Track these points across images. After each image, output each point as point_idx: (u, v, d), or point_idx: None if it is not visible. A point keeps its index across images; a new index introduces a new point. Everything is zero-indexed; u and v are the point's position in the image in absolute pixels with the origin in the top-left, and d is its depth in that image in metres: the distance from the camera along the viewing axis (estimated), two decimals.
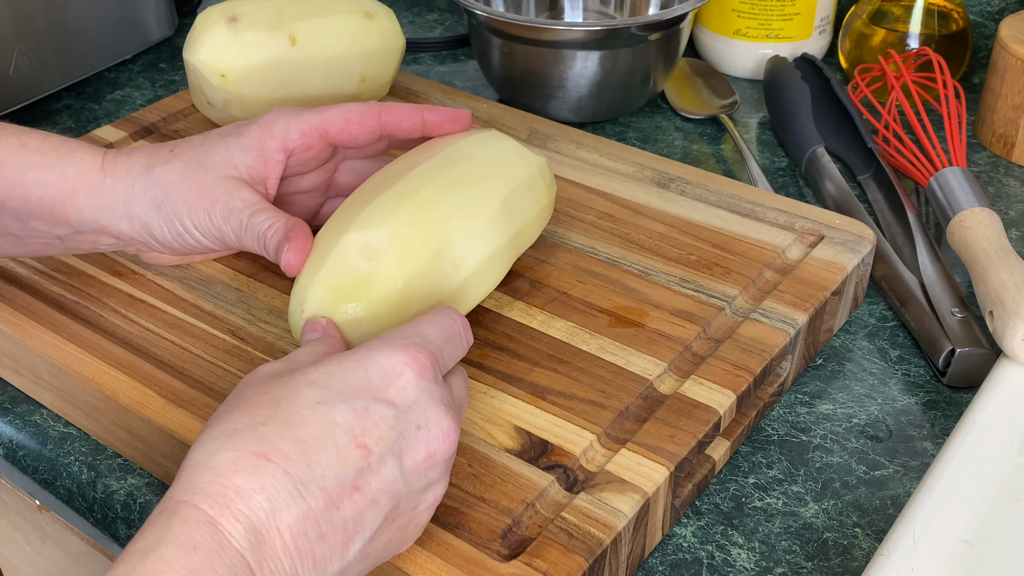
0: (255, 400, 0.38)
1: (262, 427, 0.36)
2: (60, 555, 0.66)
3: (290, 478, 0.36)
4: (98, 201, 0.52)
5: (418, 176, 0.50)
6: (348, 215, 0.49)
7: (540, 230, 0.56)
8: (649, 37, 0.74)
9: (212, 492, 0.35)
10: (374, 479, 0.37)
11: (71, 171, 0.52)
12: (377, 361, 0.40)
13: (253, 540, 0.34)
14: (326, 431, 0.37)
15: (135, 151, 0.54)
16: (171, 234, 0.53)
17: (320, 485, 0.36)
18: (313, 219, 0.59)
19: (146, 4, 0.88)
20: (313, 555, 0.36)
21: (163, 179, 0.52)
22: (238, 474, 0.35)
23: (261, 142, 0.53)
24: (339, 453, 0.37)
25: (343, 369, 0.39)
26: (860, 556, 0.47)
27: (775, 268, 0.57)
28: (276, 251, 0.50)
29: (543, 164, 0.56)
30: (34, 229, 0.53)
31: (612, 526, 0.43)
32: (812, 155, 0.71)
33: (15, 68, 0.78)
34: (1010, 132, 0.74)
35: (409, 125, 0.54)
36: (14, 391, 0.57)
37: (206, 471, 0.35)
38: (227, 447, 0.36)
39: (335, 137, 0.53)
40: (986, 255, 0.57)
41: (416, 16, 0.99)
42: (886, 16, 0.82)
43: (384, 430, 0.38)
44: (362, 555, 0.38)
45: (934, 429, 0.54)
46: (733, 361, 0.50)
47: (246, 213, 0.51)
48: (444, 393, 0.41)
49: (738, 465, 0.52)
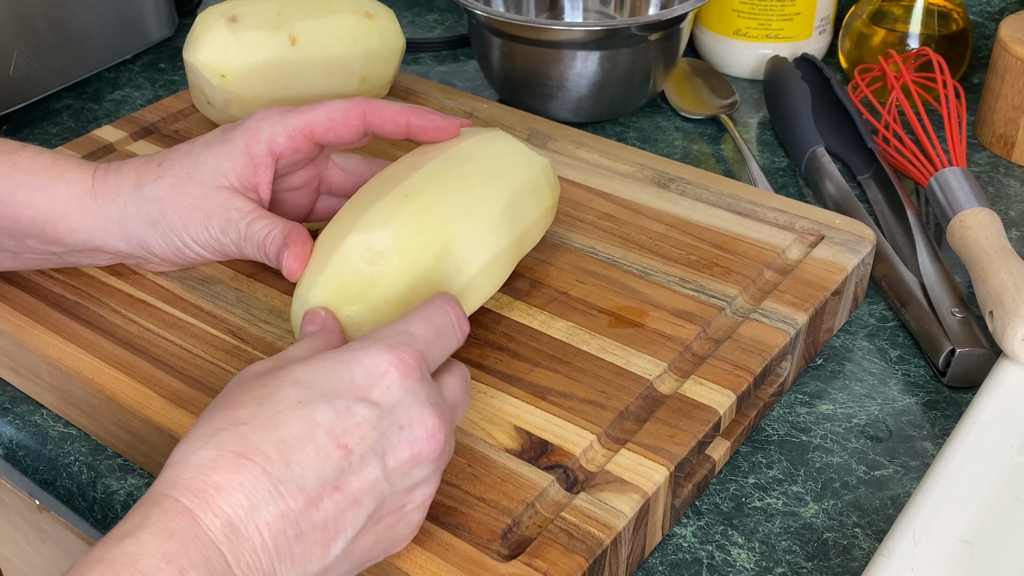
0: (240, 399, 0.38)
1: (243, 427, 0.37)
2: (60, 555, 0.66)
3: (269, 477, 0.36)
4: (91, 223, 0.52)
5: (421, 177, 0.50)
6: (351, 217, 0.49)
7: (544, 231, 0.56)
8: (649, 37, 0.74)
9: (192, 487, 0.35)
10: (355, 479, 0.38)
11: (61, 192, 0.52)
12: (361, 361, 0.39)
13: (230, 534, 0.35)
14: (307, 431, 0.37)
15: (123, 168, 0.53)
16: (170, 249, 0.53)
17: (299, 485, 0.36)
18: (308, 217, 0.58)
19: (146, 4, 0.88)
20: (292, 553, 0.36)
21: (155, 196, 0.52)
22: (218, 471, 0.36)
23: (248, 148, 0.52)
24: (319, 453, 0.37)
25: (327, 369, 0.39)
26: (860, 556, 0.47)
27: (775, 268, 0.57)
28: (277, 257, 0.50)
29: (547, 165, 0.56)
30: (29, 247, 0.53)
31: (612, 526, 0.43)
32: (812, 155, 0.71)
33: (15, 68, 0.78)
34: (1010, 132, 0.74)
35: (393, 128, 0.53)
36: (14, 391, 0.57)
37: (187, 468, 0.36)
38: (209, 445, 0.36)
39: (320, 137, 0.53)
40: (986, 255, 0.57)
41: (416, 16, 0.99)
42: (886, 16, 0.82)
43: (366, 430, 0.38)
44: (345, 555, 0.38)
45: (934, 429, 0.54)
46: (733, 361, 0.50)
47: (243, 223, 0.51)
48: (431, 392, 0.40)
49: (738, 465, 0.52)
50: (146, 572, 0.33)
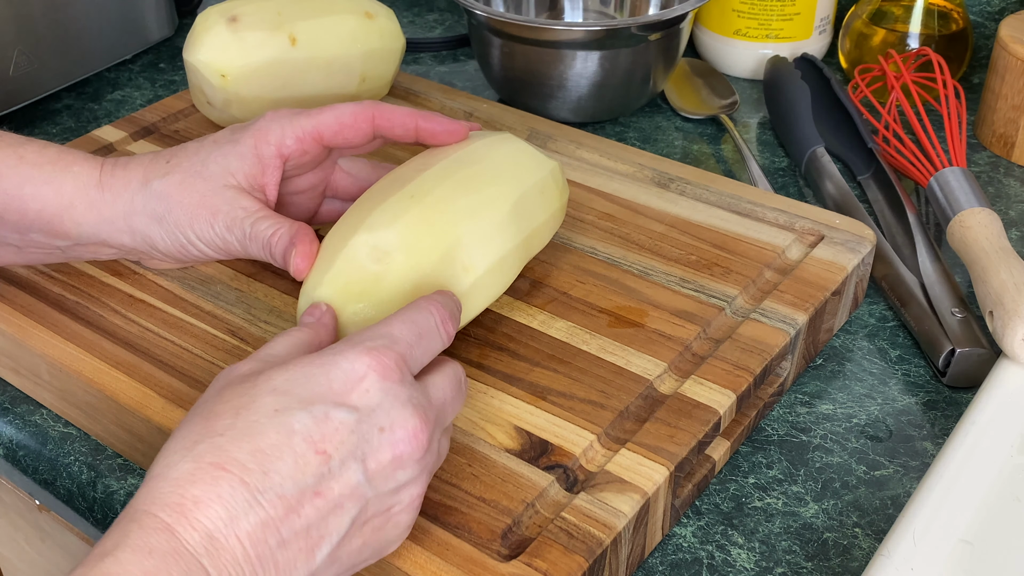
0: (217, 410, 0.38)
1: (220, 438, 0.37)
2: (60, 555, 0.66)
3: (247, 487, 0.36)
4: (97, 216, 0.52)
5: (429, 178, 0.50)
6: (358, 216, 0.49)
7: (551, 234, 0.56)
8: (649, 37, 0.74)
9: (170, 502, 0.35)
10: (336, 484, 0.37)
11: (68, 186, 0.52)
12: (340, 365, 0.39)
13: (210, 547, 0.35)
14: (284, 439, 0.37)
15: (132, 163, 0.53)
16: (175, 246, 0.53)
17: (278, 493, 0.36)
18: (312, 221, 0.59)
19: (146, 4, 0.88)
20: (276, 562, 0.36)
21: (162, 192, 0.52)
22: (196, 485, 0.35)
23: (257, 149, 0.52)
24: (297, 460, 0.37)
25: (305, 375, 0.39)
26: (860, 556, 0.47)
27: (775, 268, 0.57)
28: (283, 256, 0.50)
29: (555, 168, 0.56)
30: (33, 240, 0.53)
31: (612, 526, 0.43)
32: (812, 155, 0.71)
33: (15, 68, 0.78)
34: (1010, 132, 0.74)
35: (402, 131, 0.53)
36: (14, 391, 0.57)
37: (165, 483, 0.36)
38: (186, 459, 0.36)
39: (329, 140, 0.53)
40: (986, 255, 0.57)
41: (416, 16, 0.99)
42: (886, 16, 0.82)
43: (344, 435, 0.38)
44: (332, 559, 0.38)
45: (934, 429, 0.54)
46: (733, 361, 0.50)
47: (248, 222, 0.51)
48: (412, 394, 0.40)
49: (738, 465, 0.52)
50: None
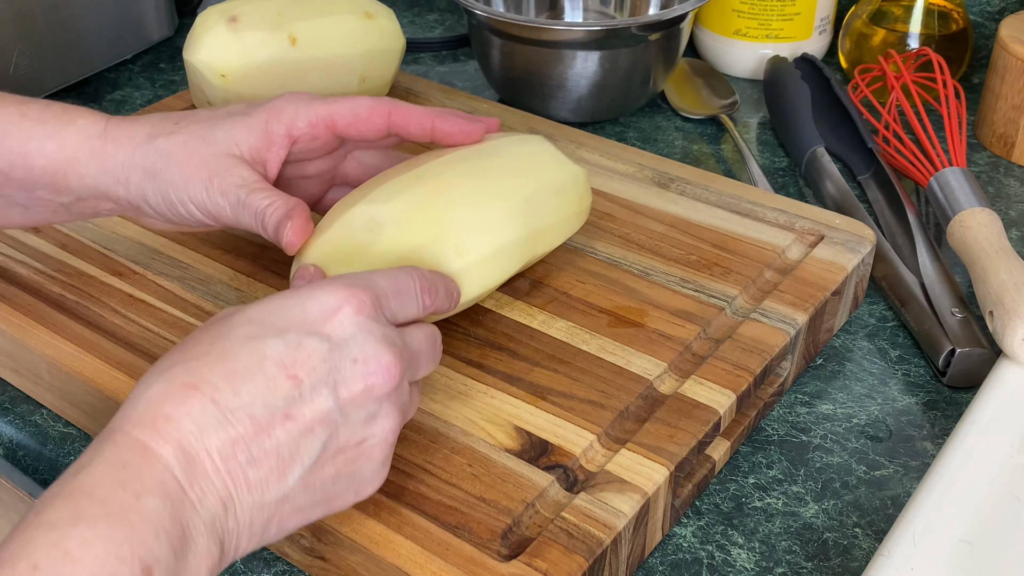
0: (196, 339, 0.40)
1: (194, 362, 0.38)
2: None
3: (217, 406, 0.37)
4: (99, 166, 0.52)
5: (441, 163, 0.51)
6: (363, 191, 0.51)
7: (565, 236, 0.56)
8: (649, 37, 0.74)
9: (144, 420, 0.36)
10: (307, 408, 0.38)
11: (72, 138, 0.52)
12: (316, 297, 0.41)
13: (182, 459, 0.36)
14: (256, 363, 0.38)
15: (140, 120, 0.54)
16: (164, 203, 0.53)
17: (248, 412, 0.37)
18: (315, 206, 0.58)
19: (146, 4, 0.88)
20: (247, 479, 0.37)
21: (164, 150, 0.52)
22: (167, 403, 0.37)
23: (267, 124, 0.53)
24: (268, 383, 0.38)
25: (281, 306, 0.40)
26: (860, 556, 0.47)
27: (775, 268, 0.57)
28: (276, 229, 0.50)
29: (579, 173, 0.55)
30: (39, 198, 0.53)
31: (612, 526, 0.43)
32: (812, 155, 0.71)
33: (15, 68, 0.78)
34: (1010, 132, 0.74)
35: (417, 130, 0.53)
36: (14, 391, 0.57)
37: (139, 402, 0.37)
38: (160, 380, 0.38)
39: (342, 130, 0.53)
40: (986, 255, 0.57)
41: (416, 16, 0.99)
42: (886, 16, 0.82)
43: (316, 362, 0.39)
44: (305, 484, 0.39)
45: (934, 429, 0.54)
46: (733, 361, 0.50)
47: (244, 191, 0.51)
48: (387, 332, 0.41)
49: (738, 465, 0.52)
50: (104, 499, 0.34)
